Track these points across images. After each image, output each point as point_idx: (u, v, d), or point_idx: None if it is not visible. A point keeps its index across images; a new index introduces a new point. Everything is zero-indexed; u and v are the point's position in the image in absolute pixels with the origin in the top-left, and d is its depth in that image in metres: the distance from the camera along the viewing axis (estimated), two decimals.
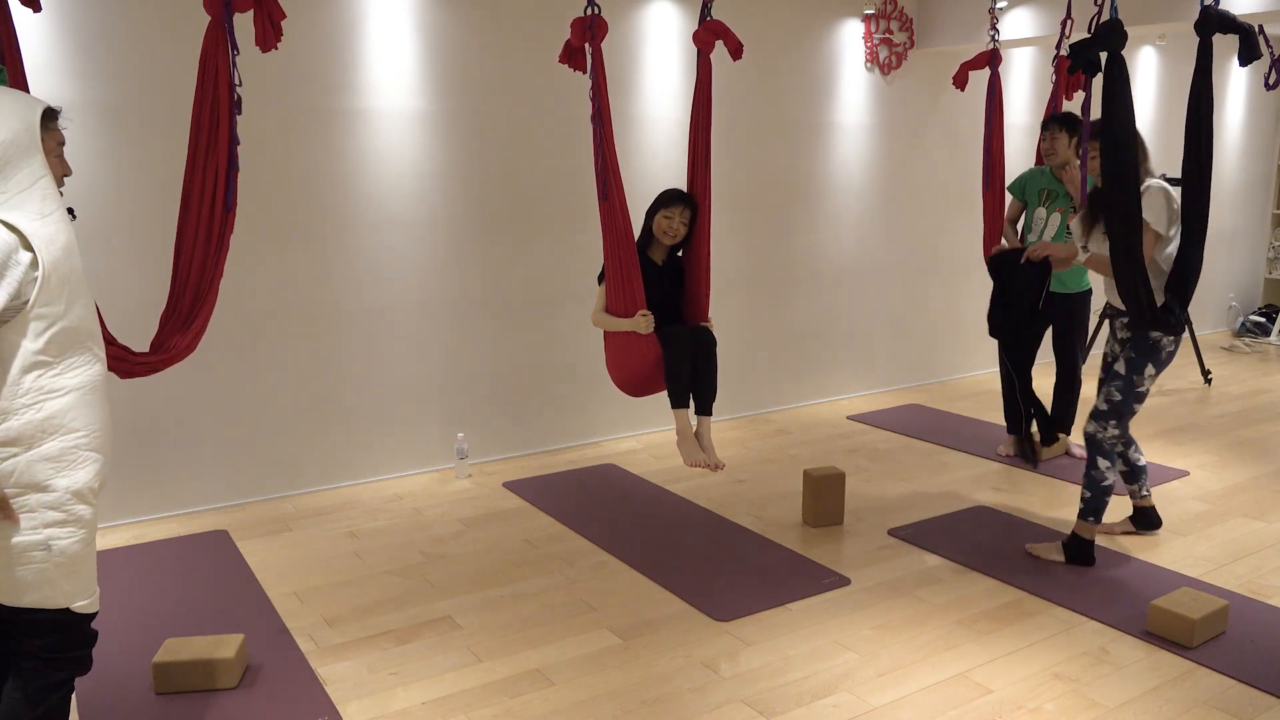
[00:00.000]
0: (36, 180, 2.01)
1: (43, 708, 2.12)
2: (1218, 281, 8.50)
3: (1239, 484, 4.71)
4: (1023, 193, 4.87)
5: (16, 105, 2.01)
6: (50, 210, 2.03)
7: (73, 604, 2.11)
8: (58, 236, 2.03)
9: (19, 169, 1.99)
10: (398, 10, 4.49)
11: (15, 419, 2.01)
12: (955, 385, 6.71)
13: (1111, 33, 3.30)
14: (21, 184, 1.99)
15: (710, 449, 3.66)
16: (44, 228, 2.01)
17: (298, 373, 4.51)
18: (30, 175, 2.00)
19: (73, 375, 2.08)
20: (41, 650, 2.14)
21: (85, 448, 2.10)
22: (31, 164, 2.01)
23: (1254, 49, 3.34)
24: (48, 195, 2.03)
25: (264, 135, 4.17)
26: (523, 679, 2.99)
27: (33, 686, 2.12)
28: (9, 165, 1.98)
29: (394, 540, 4.06)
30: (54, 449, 2.05)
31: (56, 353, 2.05)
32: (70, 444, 2.07)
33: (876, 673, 3.02)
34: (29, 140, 2.01)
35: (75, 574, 2.10)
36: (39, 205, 2.01)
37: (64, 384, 2.06)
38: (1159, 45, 7.52)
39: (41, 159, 2.03)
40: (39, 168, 2.03)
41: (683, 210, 3.61)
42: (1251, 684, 2.95)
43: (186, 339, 2.93)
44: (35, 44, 3.72)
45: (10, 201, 1.98)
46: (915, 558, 3.88)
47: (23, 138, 2.00)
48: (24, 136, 2.00)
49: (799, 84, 5.77)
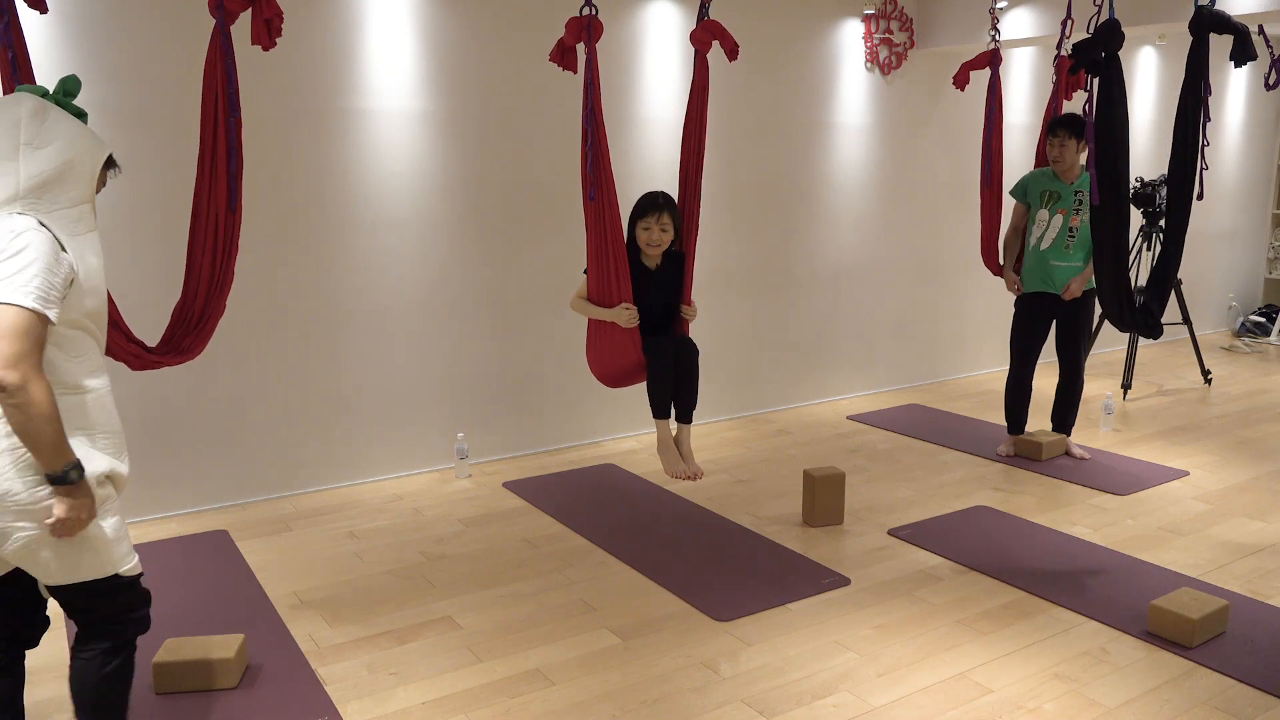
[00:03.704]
0: (80, 203, 2.21)
1: (109, 667, 2.29)
2: (1218, 281, 8.50)
3: (1239, 484, 4.71)
4: (1025, 195, 4.87)
5: (89, 142, 2.24)
6: (83, 232, 2.22)
7: (120, 569, 2.27)
8: (86, 255, 2.21)
9: (71, 190, 2.19)
10: (398, 10, 4.49)
11: None
12: (955, 385, 6.71)
13: (1110, 34, 3.30)
14: (69, 201, 2.18)
15: (689, 457, 3.71)
16: (75, 244, 2.18)
17: (298, 373, 4.51)
18: (78, 197, 2.21)
19: (90, 379, 2.22)
20: (106, 618, 2.30)
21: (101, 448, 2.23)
22: (83, 189, 2.22)
23: (1248, 50, 3.34)
24: (84, 218, 2.22)
25: (264, 135, 4.17)
26: (522, 679, 2.99)
27: (99, 648, 2.29)
28: (64, 183, 2.17)
29: (394, 540, 4.06)
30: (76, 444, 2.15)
31: (76, 354, 2.19)
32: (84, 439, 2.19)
33: (876, 673, 3.02)
34: (90, 171, 2.23)
35: (118, 543, 2.26)
36: (76, 224, 2.20)
37: (83, 384, 2.20)
38: (1159, 45, 7.52)
39: (91, 190, 2.25)
40: (88, 194, 2.24)
41: (659, 217, 3.56)
42: (1251, 684, 2.95)
43: (198, 339, 3.06)
44: (41, 45, 3.71)
45: (52, 213, 2.15)
46: (915, 558, 3.88)
47: (86, 167, 2.22)
48: (87, 166, 2.22)
49: (799, 84, 5.77)
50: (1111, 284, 3.48)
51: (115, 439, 2.28)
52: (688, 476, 3.69)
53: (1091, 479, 4.74)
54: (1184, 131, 3.36)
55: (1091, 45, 3.35)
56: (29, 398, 1.99)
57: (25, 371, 1.99)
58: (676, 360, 3.60)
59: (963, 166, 6.48)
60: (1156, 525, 4.19)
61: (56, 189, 2.15)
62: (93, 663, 2.29)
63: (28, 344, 2.00)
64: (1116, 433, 5.58)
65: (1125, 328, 3.64)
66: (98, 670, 2.29)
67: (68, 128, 2.20)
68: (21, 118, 2.15)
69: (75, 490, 2.11)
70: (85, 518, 2.14)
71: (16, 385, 1.98)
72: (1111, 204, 3.36)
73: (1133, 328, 3.60)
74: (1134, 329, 3.61)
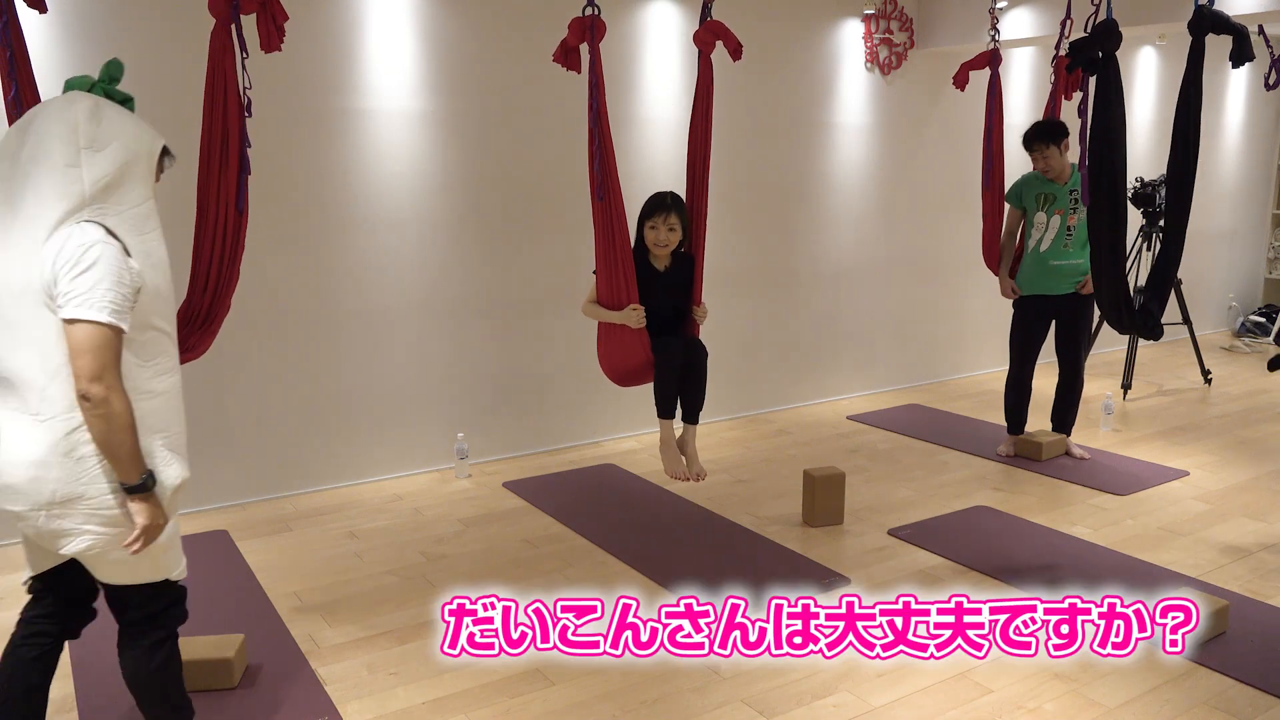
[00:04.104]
0: (144, 201, 2.23)
1: (160, 657, 2.38)
2: (1218, 281, 8.51)
3: (1239, 484, 4.72)
4: (1020, 200, 4.87)
5: (144, 135, 2.24)
6: (150, 230, 2.24)
7: (171, 575, 2.35)
8: (153, 252, 2.24)
9: (135, 189, 2.21)
10: (398, 10, 4.49)
11: None
12: (955, 385, 6.71)
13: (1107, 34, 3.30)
14: (132, 202, 2.20)
15: (693, 457, 3.70)
16: (142, 243, 2.21)
17: (298, 373, 4.51)
18: (141, 196, 2.23)
19: (161, 380, 2.26)
20: (149, 615, 2.37)
21: (168, 447, 2.27)
22: (145, 187, 2.24)
23: (1246, 50, 3.34)
24: (150, 215, 2.25)
25: (264, 136, 4.16)
26: (523, 679, 2.99)
27: (147, 642, 2.37)
28: (127, 183, 2.19)
29: (394, 540, 4.06)
30: (146, 446, 2.19)
31: (148, 358, 2.23)
32: (160, 443, 2.24)
33: (876, 673, 3.02)
34: (147, 167, 2.24)
35: (171, 550, 2.33)
36: (142, 223, 2.22)
37: (155, 387, 2.24)
38: (1159, 45, 7.52)
39: (152, 185, 2.27)
40: (149, 191, 2.26)
41: (666, 217, 3.54)
42: (1251, 684, 2.95)
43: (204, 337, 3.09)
44: (41, 45, 3.71)
45: (120, 215, 2.18)
46: (915, 558, 3.88)
47: (143, 163, 2.23)
48: (144, 162, 2.23)
49: (799, 84, 5.77)
50: (1109, 286, 3.47)
51: (181, 439, 2.33)
52: (689, 478, 3.68)
53: (1091, 479, 4.74)
54: (1183, 131, 3.35)
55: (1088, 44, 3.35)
56: (111, 409, 2.07)
57: (108, 383, 2.07)
58: (685, 361, 3.60)
59: (963, 167, 6.48)
60: (1156, 525, 4.20)
61: (121, 190, 2.17)
62: (143, 658, 2.36)
63: (108, 357, 2.07)
64: (1116, 433, 5.58)
65: (1124, 329, 3.61)
66: (149, 663, 2.37)
67: (123, 124, 2.20)
68: (78, 120, 2.14)
69: (151, 498, 2.18)
70: (161, 524, 2.21)
71: (101, 398, 2.06)
72: (1108, 205, 3.36)
73: (1132, 329, 3.59)
74: (1133, 331, 3.60)
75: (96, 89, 2.25)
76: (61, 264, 2.06)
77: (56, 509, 2.14)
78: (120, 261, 2.11)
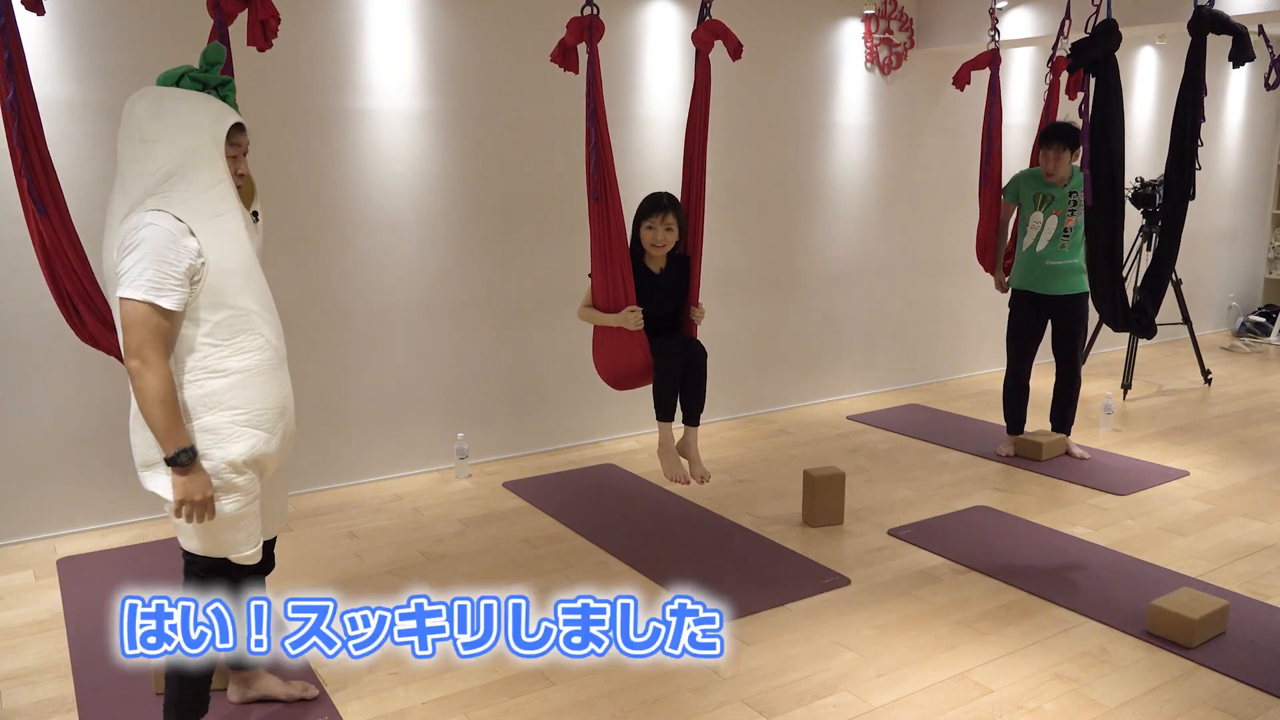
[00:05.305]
0: (216, 184, 2.29)
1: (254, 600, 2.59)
2: (1218, 281, 8.51)
3: (1239, 484, 4.72)
4: (1016, 196, 4.87)
5: (207, 120, 2.29)
6: (223, 210, 2.30)
7: (232, 555, 2.44)
8: (226, 231, 2.30)
9: (200, 174, 2.27)
10: (398, 10, 4.49)
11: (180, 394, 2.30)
12: (955, 385, 6.71)
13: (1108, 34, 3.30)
14: (202, 186, 2.27)
15: (696, 459, 3.66)
16: (216, 225, 2.28)
17: (298, 372, 4.46)
18: (212, 178, 2.28)
19: (240, 358, 2.34)
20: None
21: (243, 424, 2.35)
22: (214, 169, 2.29)
23: (1246, 50, 3.34)
24: (224, 196, 2.30)
25: (264, 135, 4.17)
26: (523, 679, 2.99)
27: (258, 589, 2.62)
28: (192, 169, 2.25)
29: (394, 540, 4.06)
30: (211, 423, 2.31)
31: (225, 337, 2.32)
32: (227, 420, 2.33)
33: (876, 673, 3.02)
34: (214, 150, 2.29)
35: (234, 529, 2.41)
36: (214, 205, 2.28)
37: (229, 365, 2.33)
38: (1159, 45, 7.52)
39: (223, 165, 2.31)
40: (220, 172, 2.30)
41: (664, 217, 3.52)
42: (1251, 684, 2.95)
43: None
44: (38, 46, 3.72)
45: (188, 200, 2.25)
46: (915, 558, 3.88)
47: (208, 147, 2.28)
48: (210, 146, 2.28)
49: (799, 84, 5.77)
50: (1105, 285, 3.48)
51: (267, 416, 2.39)
52: (688, 480, 3.65)
53: (1091, 479, 4.74)
54: (1181, 131, 3.36)
55: (1089, 45, 3.35)
56: (143, 383, 2.20)
57: (144, 357, 2.19)
58: (684, 362, 3.58)
59: (962, 166, 6.48)
60: (1156, 525, 4.20)
61: (185, 177, 2.25)
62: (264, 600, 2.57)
63: (144, 333, 2.19)
64: (1116, 433, 5.58)
65: (1120, 328, 3.63)
66: None
67: (186, 114, 2.27)
68: (140, 117, 2.26)
69: (187, 472, 2.26)
70: (199, 499, 2.27)
71: (135, 370, 2.20)
72: (1106, 205, 3.36)
73: (1127, 327, 3.60)
74: (1127, 328, 3.61)
75: (185, 80, 2.33)
76: (118, 249, 2.23)
77: (144, 471, 2.35)
78: (166, 241, 2.19)
